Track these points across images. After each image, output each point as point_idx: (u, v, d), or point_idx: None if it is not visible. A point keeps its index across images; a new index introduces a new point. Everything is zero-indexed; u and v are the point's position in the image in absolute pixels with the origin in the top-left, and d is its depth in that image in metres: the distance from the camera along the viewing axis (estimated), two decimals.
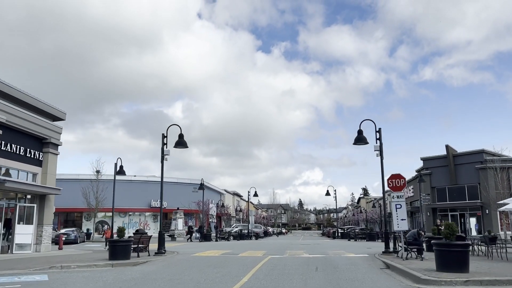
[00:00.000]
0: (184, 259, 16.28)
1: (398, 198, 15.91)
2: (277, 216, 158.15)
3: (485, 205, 40.03)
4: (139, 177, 57.78)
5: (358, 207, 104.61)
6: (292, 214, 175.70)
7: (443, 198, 43.83)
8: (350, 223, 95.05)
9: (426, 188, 45.29)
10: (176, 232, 41.91)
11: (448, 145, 43.04)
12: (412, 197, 51.01)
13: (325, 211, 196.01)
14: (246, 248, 23.62)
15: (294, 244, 29.33)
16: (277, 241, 38.07)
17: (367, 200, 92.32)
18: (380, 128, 18.67)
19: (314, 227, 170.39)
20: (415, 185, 49.17)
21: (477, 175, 41.11)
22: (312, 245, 27.87)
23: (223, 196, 79.97)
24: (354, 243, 32.02)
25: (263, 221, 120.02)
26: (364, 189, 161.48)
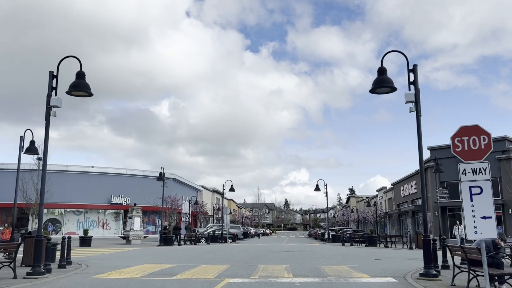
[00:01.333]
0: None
1: (475, 174, 8.52)
2: (262, 216, 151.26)
3: (507, 204, 33.10)
4: (97, 168, 49.71)
5: (347, 207, 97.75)
6: (277, 214, 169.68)
7: (455, 195, 36.71)
8: (339, 223, 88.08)
9: (433, 183, 38.18)
10: (131, 233, 34.11)
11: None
12: (415, 194, 43.92)
13: (312, 211, 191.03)
14: (201, 260, 16.09)
15: (274, 252, 21.95)
16: (254, 246, 30.61)
17: (358, 199, 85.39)
18: (415, 65, 11.44)
19: (300, 227, 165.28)
20: (419, 180, 42.06)
21: (497, 167, 34.18)
22: (298, 254, 20.53)
23: (200, 192, 72.17)
24: (353, 250, 24.80)
25: (246, 221, 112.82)
26: (351, 190, 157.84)
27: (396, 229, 51.24)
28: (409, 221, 46.11)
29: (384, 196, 59.55)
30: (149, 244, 32.66)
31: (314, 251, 22.86)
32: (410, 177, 45.41)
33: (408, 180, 46.02)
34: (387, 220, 57.56)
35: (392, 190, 54.33)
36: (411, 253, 21.80)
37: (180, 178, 57.74)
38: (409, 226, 45.94)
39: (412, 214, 45.06)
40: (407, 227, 46.88)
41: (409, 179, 45.91)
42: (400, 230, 50.69)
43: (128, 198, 49.60)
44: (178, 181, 57.05)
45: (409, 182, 45.60)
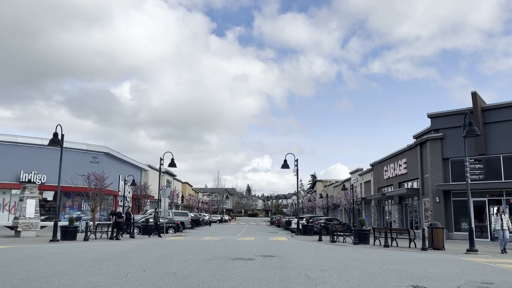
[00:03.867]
0: None
1: None
2: (221, 201, 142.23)
3: None
4: (1, 136, 38.38)
5: (313, 192, 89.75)
6: (238, 200, 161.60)
7: (462, 176, 28.45)
8: (303, 210, 79.89)
9: (434, 161, 29.72)
10: (21, 221, 23.74)
11: (476, 92, 27.52)
12: (405, 175, 35.48)
13: (273, 197, 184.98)
14: None
15: (215, 261, 12.57)
16: (191, 244, 21.11)
17: (325, 183, 77.29)
18: None
19: (261, 213, 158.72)
20: (411, 158, 33.55)
21: None
22: (258, 267, 11.27)
23: (146, 173, 61.67)
24: (347, 254, 15.68)
25: (204, 206, 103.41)
26: (313, 176, 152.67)
27: (376, 218, 42.97)
28: (394, 208, 37.74)
29: (359, 179, 51.25)
30: (45, 237, 22.61)
31: (286, 258, 13.52)
32: (398, 155, 36.91)
33: (396, 158, 37.54)
34: (363, 206, 49.33)
35: (370, 172, 45.96)
36: (444, 260, 12.91)
37: (116, 154, 47.08)
38: (394, 215, 37.60)
39: (399, 200, 36.69)
40: (392, 215, 38.54)
41: (396, 157, 37.42)
42: (381, 219, 42.42)
43: (44, 175, 38.75)
44: (114, 157, 46.40)
45: (397, 161, 37.12)
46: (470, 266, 12.26)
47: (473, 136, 17.39)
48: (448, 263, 13.20)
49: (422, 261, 13.55)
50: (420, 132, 32.33)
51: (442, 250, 18.43)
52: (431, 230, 18.94)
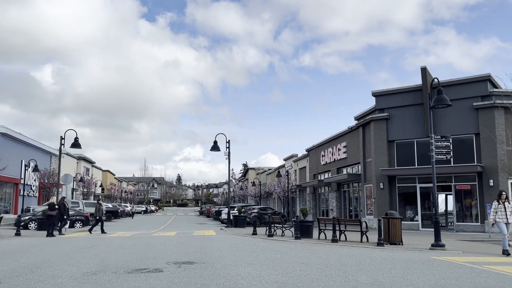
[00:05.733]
0: None
1: None
2: (148, 191, 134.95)
3: (488, 172, 23.04)
4: None
5: (245, 180, 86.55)
6: (167, 189, 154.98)
7: (409, 160, 26.06)
8: (235, 199, 76.43)
9: (379, 143, 27.08)
10: None
11: (426, 68, 25.05)
12: (345, 159, 32.77)
13: (204, 186, 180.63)
14: None
15: (106, 271, 8.33)
16: (93, 240, 16.41)
17: (258, 171, 74.20)
18: None
19: (191, 203, 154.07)
20: (352, 141, 30.78)
21: (474, 121, 23.92)
22: (169, 277, 7.20)
23: (57, 158, 54.29)
24: (289, 250, 11.94)
25: (128, 196, 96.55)
26: (245, 165, 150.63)
27: (311, 206, 40.23)
28: (332, 195, 35.06)
29: (294, 165, 48.40)
30: None
31: (211, 267, 9.46)
32: (337, 138, 34.14)
33: (334, 142, 34.78)
34: (297, 194, 46.59)
35: (306, 158, 43.16)
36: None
37: (17, 135, 40.07)
38: (332, 203, 34.93)
39: (338, 187, 34.01)
40: (329, 204, 35.88)
41: (335, 141, 34.67)
42: (317, 208, 39.76)
43: None
44: (13, 138, 39.40)
45: (336, 145, 34.35)
46: (460, 272, 8.97)
47: (444, 106, 14.32)
48: (426, 266, 9.85)
49: (391, 264, 10.11)
50: (363, 113, 29.62)
51: (400, 244, 15.37)
52: (387, 221, 15.81)
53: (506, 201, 12.64)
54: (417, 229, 24.79)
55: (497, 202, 12.72)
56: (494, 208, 12.79)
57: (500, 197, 12.70)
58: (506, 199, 12.68)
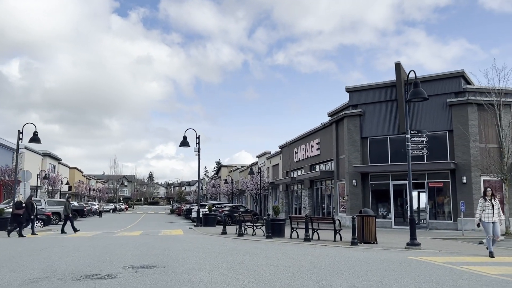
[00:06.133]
0: None
1: None
2: (118, 189, 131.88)
3: (460, 169, 22.85)
4: None
5: (217, 178, 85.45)
6: (138, 187, 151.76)
7: (382, 157, 25.70)
8: (207, 197, 75.32)
9: (352, 140, 26.63)
10: None
11: (400, 63, 24.70)
12: (318, 156, 32.25)
13: (177, 184, 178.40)
14: None
15: (51, 277, 7.39)
16: (48, 241, 15.24)
17: (230, 168, 73.27)
18: None
19: (163, 201, 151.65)
20: (325, 137, 30.29)
21: (447, 118, 23.71)
22: (122, 285, 6.36)
23: (21, 155, 51.91)
24: (259, 251, 11.10)
25: (97, 194, 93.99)
26: (218, 163, 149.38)
27: (284, 204, 39.66)
28: (304, 193, 34.53)
29: (267, 162, 47.73)
30: None
31: (171, 271, 8.56)
32: (310, 135, 33.61)
33: (307, 139, 34.25)
34: (270, 192, 45.94)
35: (279, 155, 42.53)
36: None
37: None
38: (305, 201, 34.40)
39: (310, 184, 33.49)
40: (302, 201, 35.35)
41: (308, 138, 34.14)
42: (289, 205, 39.20)
43: None
44: None
45: (309, 142, 33.82)
46: (440, 274, 8.37)
47: (420, 100, 13.79)
48: (403, 268, 9.23)
49: (366, 265, 9.45)
50: (336, 109, 29.13)
51: (375, 243, 14.83)
52: (361, 219, 15.23)
53: (493, 199, 11.45)
54: (390, 227, 24.46)
55: (483, 200, 11.53)
56: (480, 206, 11.55)
57: (486, 194, 11.54)
58: (493, 196, 11.49)
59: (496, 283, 7.56)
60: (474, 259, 10.98)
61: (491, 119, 20.88)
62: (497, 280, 7.80)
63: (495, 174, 19.80)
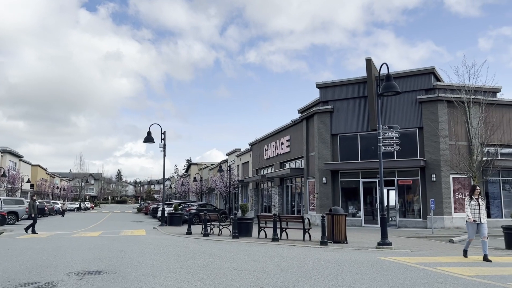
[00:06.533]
0: None
1: None
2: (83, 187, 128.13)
3: (430, 167, 22.70)
4: None
5: (187, 176, 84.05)
6: (105, 185, 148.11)
7: (353, 155, 25.33)
8: (176, 195, 73.85)
9: (322, 137, 26.16)
10: None
11: (371, 59, 24.36)
12: (288, 154, 31.69)
13: (145, 182, 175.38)
14: None
15: None
16: None
17: (200, 166, 72.06)
18: None
19: (131, 200, 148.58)
20: (295, 134, 29.75)
21: (417, 115, 23.52)
22: None
23: None
24: (223, 252, 10.31)
25: (63, 192, 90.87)
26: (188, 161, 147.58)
27: (253, 202, 38.98)
28: (274, 191, 33.92)
29: (237, 160, 46.94)
30: None
31: (122, 277, 7.66)
32: (280, 132, 33.03)
33: (278, 136, 33.66)
34: (239, 190, 45.18)
35: (249, 152, 41.82)
36: None
37: None
38: (274, 199, 33.79)
39: (280, 182, 32.91)
40: (272, 199, 34.73)
41: (278, 135, 33.55)
42: (259, 204, 38.55)
43: None
44: None
45: (279, 139, 33.23)
46: (414, 276, 7.81)
47: (393, 94, 13.31)
48: (376, 270, 8.63)
49: (337, 267, 8.81)
50: (307, 105, 28.64)
51: (345, 243, 14.28)
52: (331, 217, 14.64)
53: (480, 198, 10.67)
54: (360, 225, 24.12)
55: (470, 199, 10.67)
56: (468, 205, 10.66)
57: (474, 192, 10.64)
58: (480, 196, 10.71)
59: (474, 286, 7.03)
60: (447, 259, 10.53)
61: (461, 116, 20.75)
62: (474, 283, 7.29)
63: (464, 171, 19.66)
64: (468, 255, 11.51)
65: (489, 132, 19.57)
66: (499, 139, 20.05)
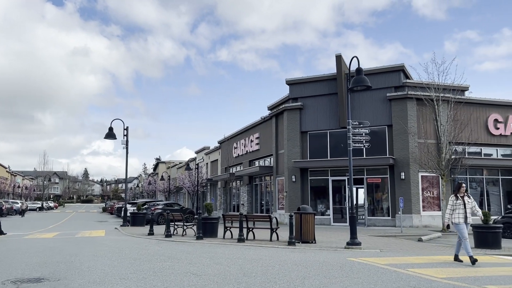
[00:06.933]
0: None
1: None
2: (49, 186, 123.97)
3: (399, 165, 22.54)
4: None
5: (155, 174, 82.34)
6: (70, 184, 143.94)
7: (322, 152, 24.95)
8: (143, 194, 72.17)
9: (291, 134, 25.68)
10: None
11: (341, 55, 24.01)
12: (258, 151, 31.09)
13: (113, 181, 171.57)
14: None
15: None
16: None
17: (169, 164, 70.61)
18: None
19: (97, 199, 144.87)
20: (265, 132, 29.19)
21: (387, 112, 23.34)
22: None
23: None
24: (182, 254, 9.54)
25: (25, 191, 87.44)
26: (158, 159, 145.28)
27: (222, 201, 38.22)
28: (243, 189, 33.28)
29: (206, 158, 46.04)
30: None
31: (64, 286, 6.79)
32: (250, 129, 32.41)
33: (247, 133, 33.03)
34: (208, 189, 44.31)
35: (218, 150, 41.02)
36: None
37: None
38: (243, 197, 33.14)
39: (249, 180, 32.29)
40: (240, 198, 34.07)
41: (248, 132, 32.93)
42: (228, 203, 37.80)
43: None
44: None
45: (248, 136, 32.61)
46: (385, 279, 7.29)
47: (363, 88, 12.89)
48: (345, 272, 8.08)
49: (304, 270, 8.21)
50: (277, 102, 28.10)
51: (313, 243, 13.76)
52: (299, 216, 14.09)
53: (466, 196, 9.65)
54: (329, 224, 23.76)
55: (455, 198, 9.59)
56: (451, 205, 9.58)
57: (459, 190, 9.62)
58: (466, 194, 9.70)
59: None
60: (418, 260, 10.12)
61: (430, 114, 20.66)
62: (449, 287, 6.83)
63: (433, 169, 19.54)
64: (438, 254, 11.19)
65: (457, 130, 19.52)
66: (467, 137, 20.03)
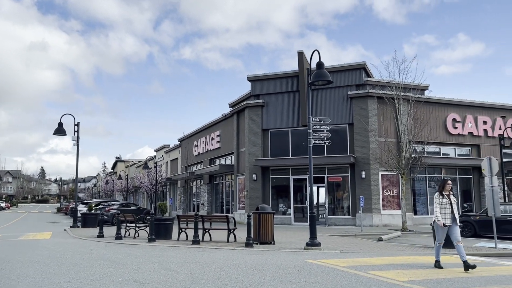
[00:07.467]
0: None
1: None
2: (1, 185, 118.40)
3: (359, 163, 22.36)
4: None
5: (113, 173, 79.86)
6: (24, 184, 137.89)
7: (283, 150, 24.49)
8: (101, 194, 69.77)
9: (253, 132, 25.09)
10: None
11: (303, 52, 23.60)
12: (218, 150, 30.30)
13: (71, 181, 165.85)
14: None
15: None
16: None
17: (127, 163, 68.53)
18: None
19: (53, 199, 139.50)
20: (226, 130, 28.49)
21: (348, 110, 23.12)
22: None
23: None
24: (129, 258, 8.73)
25: None
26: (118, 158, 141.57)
27: (182, 201, 37.19)
28: (203, 189, 32.41)
29: (165, 156, 44.79)
30: None
31: None
32: (211, 127, 31.58)
33: (208, 131, 32.19)
34: (167, 188, 43.12)
35: (178, 148, 39.92)
36: None
37: None
38: (203, 197, 32.27)
39: (210, 180, 31.46)
40: (200, 198, 33.18)
41: (208, 130, 32.09)
42: (187, 202, 36.81)
43: None
44: None
45: (209, 134, 31.77)
46: (344, 284, 6.77)
47: (324, 82, 12.43)
48: (302, 276, 7.52)
49: (259, 275, 7.58)
50: (238, 99, 27.44)
51: (272, 244, 13.18)
52: (257, 216, 13.47)
53: (452, 194, 8.81)
54: (290, 223, 23.34)
55: (441, 196, 8.66)
56: (439, 203, 8.62)
57: (444, 188, 8.69)
58: (451, 192, 8.84)
59: None
60: (378, 261, 9.71)
61: (390, 113, 20.58)
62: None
63: (393, 168, 19.44)
64: (398, 254, 10.86)
65: (417, 129, 19.50)
66: (426, 136, 20.06)
